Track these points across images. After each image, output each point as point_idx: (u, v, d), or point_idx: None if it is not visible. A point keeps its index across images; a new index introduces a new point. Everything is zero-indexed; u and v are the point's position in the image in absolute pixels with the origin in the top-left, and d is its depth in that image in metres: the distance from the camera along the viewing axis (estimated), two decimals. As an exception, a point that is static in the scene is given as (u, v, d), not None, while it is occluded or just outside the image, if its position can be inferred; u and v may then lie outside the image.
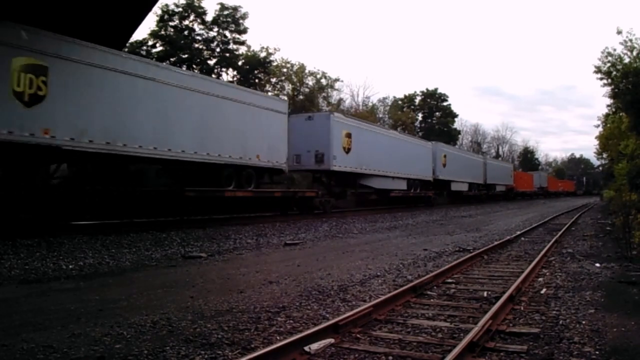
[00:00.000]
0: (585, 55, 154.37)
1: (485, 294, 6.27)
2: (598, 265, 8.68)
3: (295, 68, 42.71)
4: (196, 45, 36.60)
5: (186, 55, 35.83)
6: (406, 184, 26.87)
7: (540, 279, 7.39)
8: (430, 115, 62.88)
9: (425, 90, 62.88)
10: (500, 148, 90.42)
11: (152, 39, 34.95)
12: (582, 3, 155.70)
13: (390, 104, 59.17)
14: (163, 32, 35.09)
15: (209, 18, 36.62)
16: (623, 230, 11.49)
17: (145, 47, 34.71)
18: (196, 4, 35.64)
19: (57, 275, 7.18)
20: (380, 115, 54.70)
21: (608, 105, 29.04)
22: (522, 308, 5.55)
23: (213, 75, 35.10)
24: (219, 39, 37.24)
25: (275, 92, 39.80)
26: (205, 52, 37.26)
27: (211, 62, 37.55)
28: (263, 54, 38.56)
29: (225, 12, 36.76)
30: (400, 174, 25.76)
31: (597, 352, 4.08)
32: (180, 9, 35.48)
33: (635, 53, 21.30)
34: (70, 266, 7.77)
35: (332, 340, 4.18)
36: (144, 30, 42.07)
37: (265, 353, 3.61)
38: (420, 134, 54.61)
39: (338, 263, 8.58)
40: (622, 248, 10.25)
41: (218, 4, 36.71)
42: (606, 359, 3.97)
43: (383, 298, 5.55)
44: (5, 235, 9.46)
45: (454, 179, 33.76)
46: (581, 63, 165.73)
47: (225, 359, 3.84)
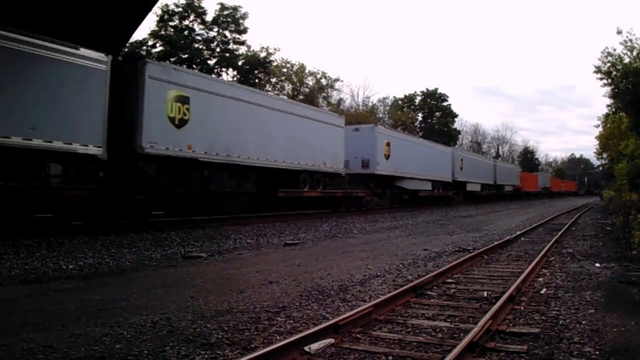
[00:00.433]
0: (585, 55, 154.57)
1: (485, 294, 6.27)
2: (598, 265, 8.68)
3: (295, 68, 42.78)
4: (196, 45, 36.61)
5: (186, 55, 35.84)
6: (431, 185, 30.10)
7: (540, 279, 7.40)
8: (430, 115, 62.88)
9: (425, 90, 62.91)
10: (500, 148, 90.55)
11: (152, 39, 34.96)
12: (582, 3, 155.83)
13: (390, 104, 59.27)
14: (163, 32, 35.10)
15: (209, 18, 36.65)
16: (623, 230, 11.49)
17: (145, 47, 34.73)
18: (196, 4, 35.65)
19: (57, 275, 7.17)
20: (380, 115, 54.74)
21: (608, 105, 29.11)
22: (522, 308, 5.55)
23: (213, 75, 35.11)
24: (219, 39, 37.26)
25: (275, 92, 39.81)
26: (205, 52, 37.27)
27: (211, 62, 37.58)
28: (263, 54, 38.59)
29: (225, 12, 36.78)
30: (426, 176, 29.27)
31: (597, 352, 4.08)
32: (180, 9, 35.49)
33: (635, 53, 21.34)
34: (70, 266, 7.77)
35: (332, 340, 4.18)
36: (144, 30, 42.11)
37: (265, 353, 3.61)
38: (420, 134, 54.62)
39: (338, 263, 8.58)
40: (622, 248, 10.25)
41: (218, 4, 36.76)
42: (606, 359, 3.97)
43: (383, 298, 5.55)
44: (5, 235, 9.46)
45: (469, 180, 36.93)
46: (581, 63, 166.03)
47: (225, 359, 3.84)
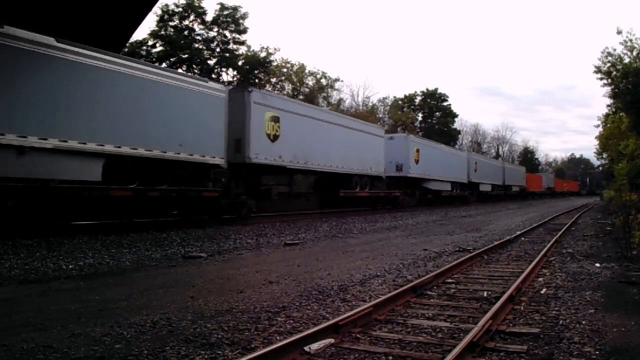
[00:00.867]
0: (584, 55, 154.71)
1: (485, 294, 6.27)
2: (598, 265, 8.68)
3: (295, 68, 42.79)
4: (196, 45, 36.58)
5: (186, 55, 35.83)
6: (450, 186, 33.47)
7: (540, 279, 7.40)
8: (430, 115, 62.87)
9: (425, 90, 62.89)
10: (500, 148, 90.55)
11: (152, 39, 34.93)
12: (582, 3, 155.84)
13: (390, 104, 59.25)
14: (163, 32, 35.08)
15: (209, 18, 36.62)
16: (623, 230, 11.49)
17: (145, 47, 34.73)
18: (196, 4, 35.62)
19: (57, 275, 7.17)
20: (380, 115, 54.76)
21: (608, 105, 29.10)
22: (522, 308, 5.55)
23: (213, 75, 35.11)
24: (219, 39, 37.23)
25: (275, 92, 39.80)
26: (205, 52, 37.25)
27: (211, 62, 37.55)
28: (263, 54, 38.57)
29: (225, 12, 36.75)
30: (447, 178, 32.61)
31: (597, 352, 4.08)
32: (180, 9, 35.46)
33: (635, 53, 21.34)
34: (70, 266, 7.77)
35: (332, 340, 4.18)
36: (144, 30, 42.07)
37: (265, 353, 3.61)
38: (420, 134, 54.65)
39: (338, 263, 8.58)
40: (622, 248, 10.25)
41: (218, 4, 36.73)
42: (606, 359, 3.97)
43: (383, 298, 5.55)
44: (6, 235, 9.46)
45: (482, 181, 40.37)
46: (581, 63, 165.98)
47: (225, 359, 3.84)
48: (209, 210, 14.73)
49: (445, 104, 63.22)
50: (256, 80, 38.53)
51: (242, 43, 38.26)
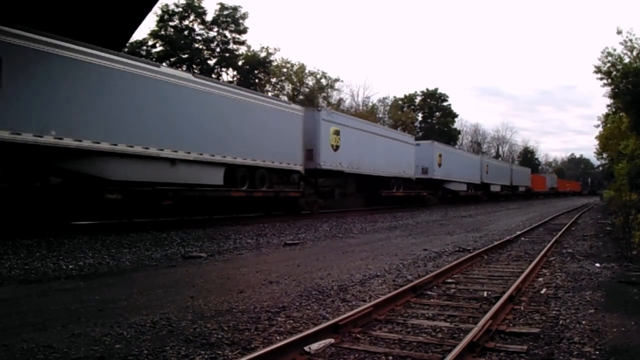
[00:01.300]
0: (584, 55, 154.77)
1: (485, 294, 6.27)
2: (598, 265, 8.68)
3: (295, 68, 42.76)
4: (196, 45, 36.60)
5: (186, 55, 35.84)
6: (466, 186, 37.06)
7: (540, 279, 7.39)
8: (430, 115, 62.87)
9: (425, 90, 62.90)
10: (500, 148, 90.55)
11: (152, 39, 34.96)
12: (582, 3, 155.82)
13: (390, 104, 59.20)
14: (163, 32, 35.10)
15: (209, 18, 36.65)
16: (623, 230, 11.49)
17: (145, 47, 34.73)
18: (196, 4, 35.64)
19: (57, 275, 7.17)
20: (380, 115, 54.70)
21: (608, 105, 29.08)
22: (522, 308, 5.55)
23: (213, 75, 35.10)
24: (219, 39, 37.26)
25: (275, 92, 39.82)
26: (205, 52, 37.27)
27: (211, 62, 37.57)
28: (263, 54, 38.60)
29: (225, 12, 36.78)
30: (463, 179, 36.13)
31: (597, 352, 4.08)
32: (180, 9, 35.49)
33: (635, 53, 21.32)
34: (70, 266, 7.77)
35: (332, 340, 4.18)
36: (144, 30, 42.05)
37: (265, 353, 3.61)
38: (420, 134, 54.66)
39: (338, 263, 8.58)
40: (622, 248, 10.25)
41: (218, 4, 36.76)
42: (606, 359, 3.97)
43: (383, 298, 5.55)
44: (6, 235, 9.46)
45: (492, 182, 43.65)
46: (580, 63, 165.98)
47: (225, 359, 3.84)
48: (292, 207, 18.35)
49: (445, 104, 63.24)
50: (256, 80, 38.53)
51: (242, 43, 38.31)
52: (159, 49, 35.10)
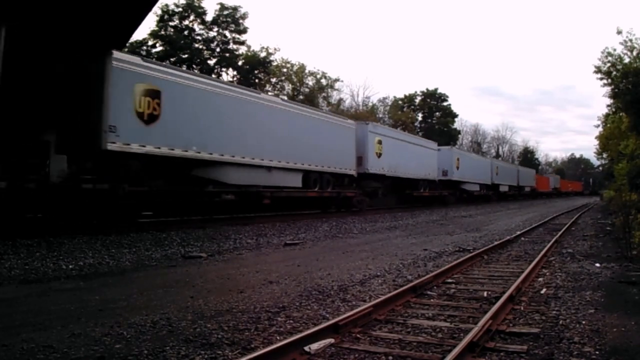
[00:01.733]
0: (584, 55, 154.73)
1: (485, 294, 6.27)
2: (598, 265, 8.67)
3: (295, 68, 42.78)
4: (196, 45, 36.60)
5: (186, 55, 35.84)
6: (479, 187, 40.61)
7: (540, 279, 7.39)
8: (430, 115, 62.91)
9: (425, 90, 62.97)
10: (500, 148, 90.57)
11: (152, 39, 34.96)
12: (582, 3, 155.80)
13: (390, 104, 59.23)
14: (163, 32, 35.10)
15: (209, 18, 36.66)
16: (623, 230, 11.49)
17: (145, 47, 34.71)
18: (196, 4, 35.64)
19: (57, 275, 7.17)
20: (380, 115, 54.71)
21: (608, 105, 29.01)
22: (522, 308, 5.55)
23: (213, 75, 35.10)
24: (219, 39, 37.26)
25: (275, 92, 39.80)
26: (205, 52, 37.27)
27: (211, 62, 37.57)
28: (263, 54, 38.62)
29: (225, 12, 36.79)
30: (477, 180, 39.69)
31: (597, 352, 4.08)
32: (180, 9, 35.49)
33: (635, 53, 21.28)
34: (70, 266, 7.77)
35: (332, 340, 4.18)
36: (144, 30, 41.99)
37: (265, 353, 3.61)
38: (420, 134, 54.65)
39: (338, 263, 8.58)
40: (622, 248, 10.24)
41: (218, 4, 36.78)
42: (606, 359, 3.97)
43: (383, 298, 5.54)
44: (6, 235, 9.46)
45: (501, 183, 46.77)
46: (580, 63, 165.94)
47: (225, 359, 3.84)
48: (345, 205, 21.68)
49: (445, 104, 63.31)
50: (256, 80, 38.52)
51: (242, 43, 38.33)
52: (159, 49, 35.12)
